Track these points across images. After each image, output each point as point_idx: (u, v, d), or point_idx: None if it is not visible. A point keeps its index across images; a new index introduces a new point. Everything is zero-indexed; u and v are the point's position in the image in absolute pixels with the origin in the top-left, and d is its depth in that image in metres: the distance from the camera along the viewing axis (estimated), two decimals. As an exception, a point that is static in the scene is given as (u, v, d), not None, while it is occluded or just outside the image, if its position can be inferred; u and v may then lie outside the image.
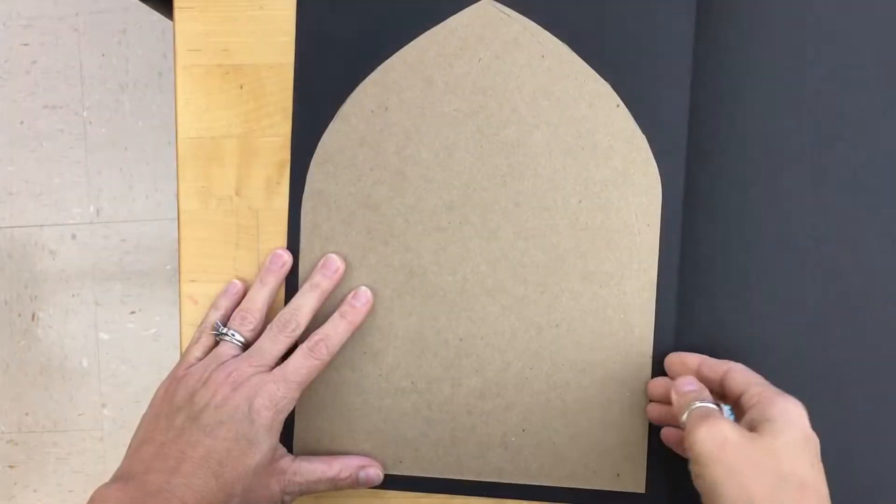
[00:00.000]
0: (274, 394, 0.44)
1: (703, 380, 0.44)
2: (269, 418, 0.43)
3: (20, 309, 1.29)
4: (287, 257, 0.49)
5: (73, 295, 1.28)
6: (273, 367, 0.45)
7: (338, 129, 0.49)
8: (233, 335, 0.47)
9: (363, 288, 0.48)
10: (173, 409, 0.44)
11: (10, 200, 1.28)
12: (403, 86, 0.48)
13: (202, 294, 0.51)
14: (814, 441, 0.40)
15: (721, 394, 0.44)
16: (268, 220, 0.50)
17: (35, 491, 1.29)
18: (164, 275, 1.27)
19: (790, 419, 0.39)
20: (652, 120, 0.47)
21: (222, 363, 0.45)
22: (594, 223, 0.47)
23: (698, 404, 0.41)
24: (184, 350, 0.49)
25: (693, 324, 0.48)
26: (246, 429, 0.43)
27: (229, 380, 0.44)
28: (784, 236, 0.48)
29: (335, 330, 0.47)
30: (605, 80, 0.47)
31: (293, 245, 0.49)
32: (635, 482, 0.48)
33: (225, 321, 0.48)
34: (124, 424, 1.27)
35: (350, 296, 0.48)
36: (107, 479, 0.43)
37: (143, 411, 0.46)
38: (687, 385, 0.43)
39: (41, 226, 1.28)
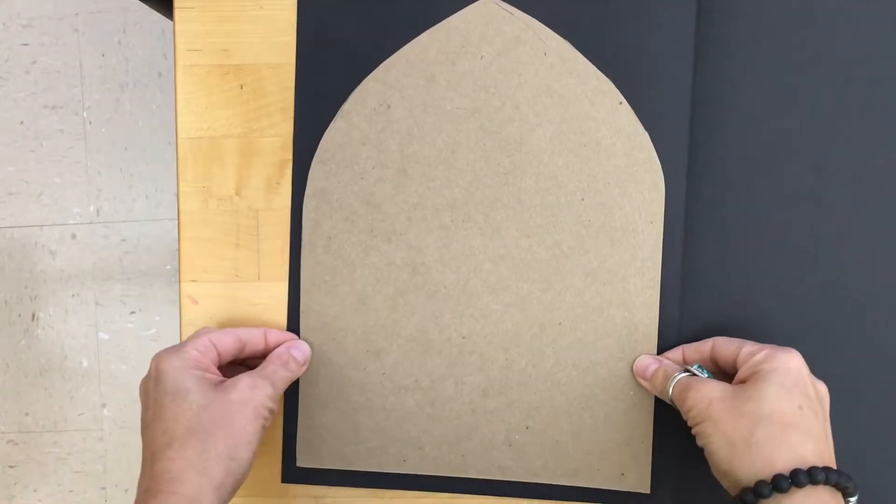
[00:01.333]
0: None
1: (692, 364, 0.46)
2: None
3: (20, 309, 1.29)
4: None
5: (73, 295, 1.28)
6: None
7: (340, 128, 0.49)
8: None
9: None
10: None
11: (10, 200, 1.28)
12: (405, 84, 0.48)
13: (202, 294, 0.50)
14: (805, 385, 0.41)
15: (714, 370, 0.46)
16: (268, 220, 0.50)
17: (35, 491, 1.29)
18: (164, 275, 1.27)
19: (778, 367, 0.41)
20: (654, 117, 0.47)
21: None
22: (597, 220, 0.47)
23: (675, 378, 0.44)
24: None
25: (696, 321, 0.48)
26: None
27: None
28: (786, 233, 0.48)
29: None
30: (608, 77, 0.47)
31: (295, 243, 0.49)
32: (640, 482, 0.48)
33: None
34: (124, 424, 1.27)
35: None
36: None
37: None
38: (649, 367, 0.46)
39: (41, 226, 1.28)
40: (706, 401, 0.41)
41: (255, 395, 0.43)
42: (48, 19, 1.26)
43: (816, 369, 0.43)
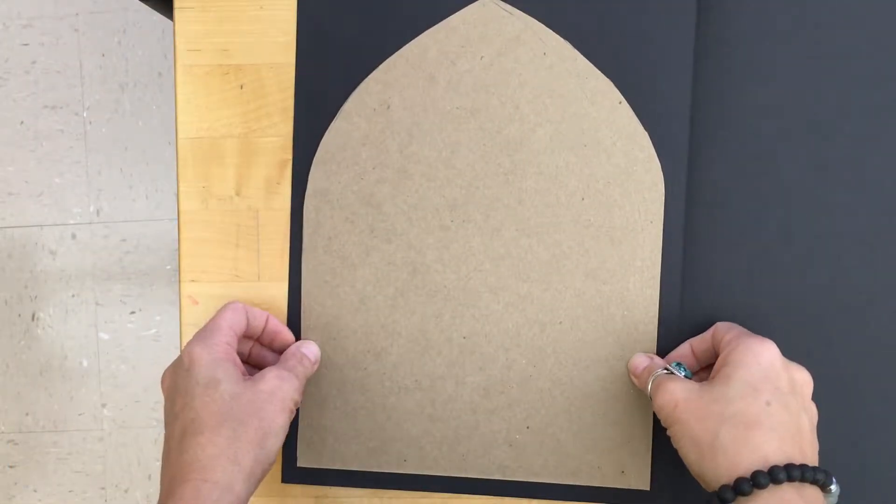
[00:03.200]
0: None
1: (701, 356, 0.46)
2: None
3: (20, 309, 1.29)
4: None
5: (73, 295, 1.28)
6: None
7: (340, 128, 0.49)
8: None
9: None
10: None
11: (10, 200, 1.28)
12: (405, 84, 0.48)
13: (202, 294, 0.50)
14: (776, 378, 0.40)
15: (716, 359, 0.45)
16: (268, 220, 0.50)
17: (35, 491, 1.29)
18: (164, 275, 1.27)
19: (747, 360, 0.40)
20: (654, 117, 0.47)
21: None
22: (597, 220, 0.47)
23: (654, 377, 0.44)
24: None
25: (696, 320, 0.48)
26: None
27: None
28: (786, 232, 0.48)
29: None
30: (607, 77, 0.47)
31: (295, 243, 0.49)
32: (640, 479, 0.48)
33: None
34: (124, 424, 1.27)
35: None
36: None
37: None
38: (640, 365, 0.46)
39: (41, 226, 1.28)
40: (672, 403, 0.41)
41: (284, 386, 0.44)
42: (48, 19, 1.26)
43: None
